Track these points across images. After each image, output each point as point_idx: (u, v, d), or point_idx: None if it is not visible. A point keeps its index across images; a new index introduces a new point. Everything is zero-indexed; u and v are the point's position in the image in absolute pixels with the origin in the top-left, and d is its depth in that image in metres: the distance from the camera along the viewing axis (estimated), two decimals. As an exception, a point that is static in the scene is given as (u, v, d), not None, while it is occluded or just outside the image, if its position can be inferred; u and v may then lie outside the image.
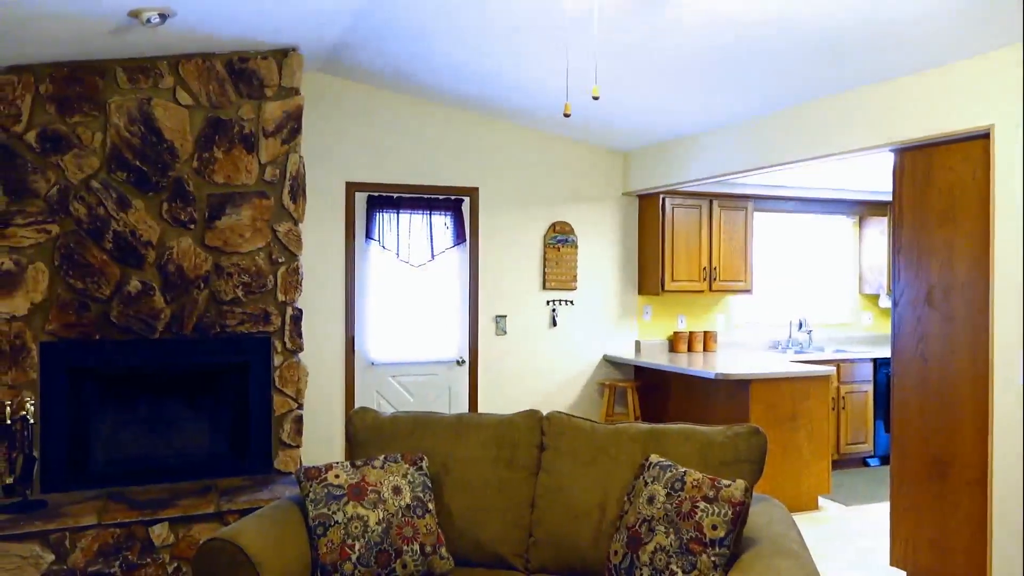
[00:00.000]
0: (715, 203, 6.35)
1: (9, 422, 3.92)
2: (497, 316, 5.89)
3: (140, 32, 3.82)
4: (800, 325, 6.84)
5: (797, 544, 2.44)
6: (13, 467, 3.93)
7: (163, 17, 3.59)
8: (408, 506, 2.73)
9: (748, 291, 6.50)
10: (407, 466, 2.84)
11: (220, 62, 4.45)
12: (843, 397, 6.28)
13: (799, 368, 5.30)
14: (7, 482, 3.95)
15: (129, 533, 3.90)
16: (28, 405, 3.98)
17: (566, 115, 2.69)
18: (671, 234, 6.17)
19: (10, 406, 3.96)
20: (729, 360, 5.85)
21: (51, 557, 3.77)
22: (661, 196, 6.13)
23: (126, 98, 4.29)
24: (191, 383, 4.65)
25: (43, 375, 4.19)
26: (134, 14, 3.54)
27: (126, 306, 4.30)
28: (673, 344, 6.46)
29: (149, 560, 3.93)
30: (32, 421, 4.00)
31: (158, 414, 4.60)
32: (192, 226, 4.42)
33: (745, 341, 6.82)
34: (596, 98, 2.57)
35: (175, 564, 3.98)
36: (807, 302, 7.18)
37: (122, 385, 4.50)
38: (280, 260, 4.59)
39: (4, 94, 4.09)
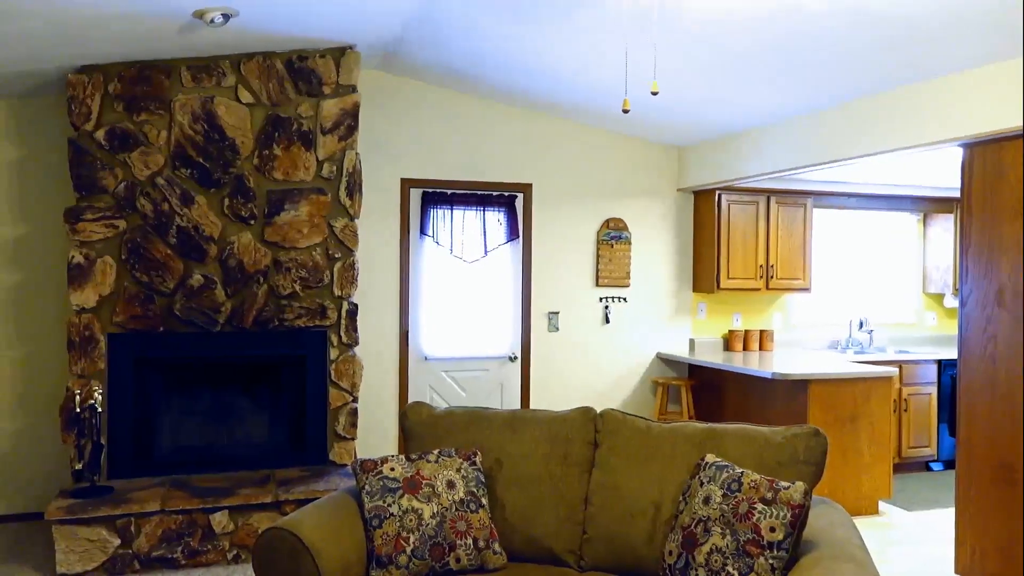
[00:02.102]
0: (773, 199, 6.22)
1: (79, 410, 4.07)
2: (550, 313, 5.88)
3: (204, 32, 3.91)
4: (861, 325, 6.67)
5: (859, 549, 2.38)
6: (82, 454, 4.08)
7: (226, 17, 3.68)
8: (462, 500, 2.75)
9: (807, 289, 6.36)
10: (461, 461, 2.85)
11: (280, 61, 4.53)
12: (905, 399, 6.11)
13: (860, 368, 5.16)
14: (76, 468, 4.09)
15: (191, 520, 4.01)
16: (96, 394, 4.12)
17: (625, 111, 2.66)
18: (727, 231, 6.07)
19: (80, 395, 4.10)
20: (786, 360, 5.74)
21: (117, 541, 3.91)
22: (717, 192, 6.04)
23: (190, 96, 4.40)
24: (250, 375, 4.76)
25: (110, 365, 4.34)
26: (199, 14, 3.63)
27: (189, 299, 4.42)
28: (728, 343, 6.36)
29: (210, 547, 4.04)
30: (100, 410, 4.14)
31: (219, 405, 4.72)
32: (252, 222, 4.51)
33: (803, 341, 6.67)
34: (655, 93, 2.54)
35: (235, 551, 4.08)
36: (868, 301, 6.99)
37: (185, 376, 4.62)
38: (337, 255, 4.66)
39: (75, 93, 4.23)
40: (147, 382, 4.47)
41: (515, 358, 5.80)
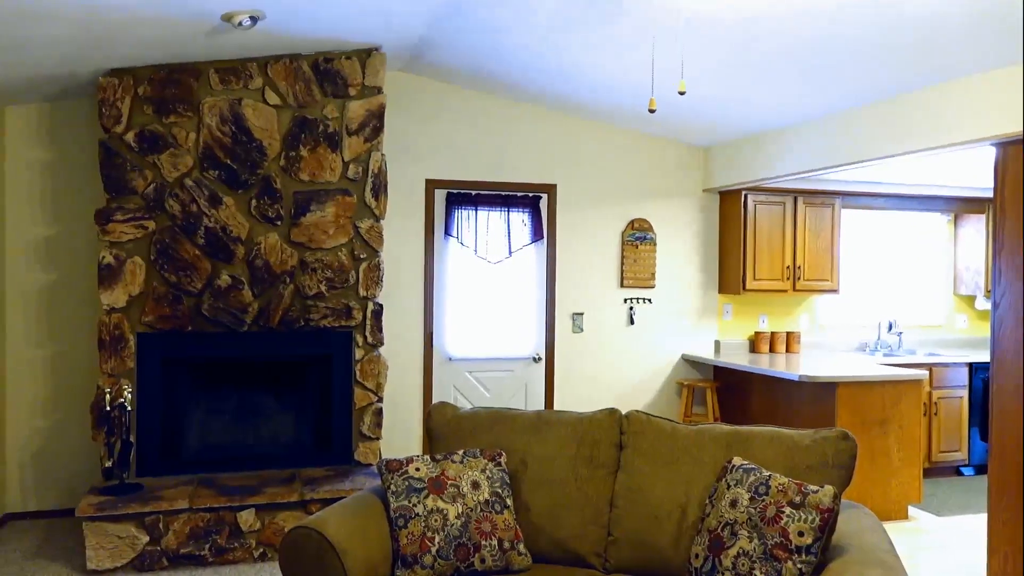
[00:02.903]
0: (800, 200, 6.16)
1: (109, 409, 4.12)
2: (574, 314, 5.86)
3: (232, 35, 3.95)
4: (890, 327, 6.58)
5: (889, 555, 2.34)
6: (112, 451, 4.13)
7: (253, 20, 3.71)
8: (487, 501, 2.74)
9: (834, 291, 6.28)
10: (486, 461, 2.85)
11: (306, 63, 4.56)
12: (936, 402, 6.01)
13: (889, 371, 5.09)
14: (106, 465, 4.15)
15: (218, 518, 4.05)
16: (126, 393, 4.17)
17: (651, 110, 2.65)
18: (753, 232, 6.02)
19: (110, 393, 4.16)
20: (814, 362, 5.67)
21: (146, 538, 3.95)
22: (743, 193, 5.99)
23: (218, 99, 4.45)
24: (276, 375, 4.80)
25: (139, 364, 4.39)
26: (227, 17, 3.66)
27: (216, 299, 4.46)
28: (754, 344, 6.31)
29: (237, 545, 4.07)
30: (130, 408, 4.19)
31: (245, 404, 4.77)
32: (279, 223, 4.55)
33: (830, 342, 6.60)
34: (682, 93, 2.52)
35: (261, 550, 4.11)
36: (897, 303, 6.89)
37: (212, 375, 4.67)
38: (362, 256, 4.68)
39: (106, 96, 4.30)
40: (175, 381, 4.52)
41: (539, 359, 5.79)
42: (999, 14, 3.23)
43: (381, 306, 4.74)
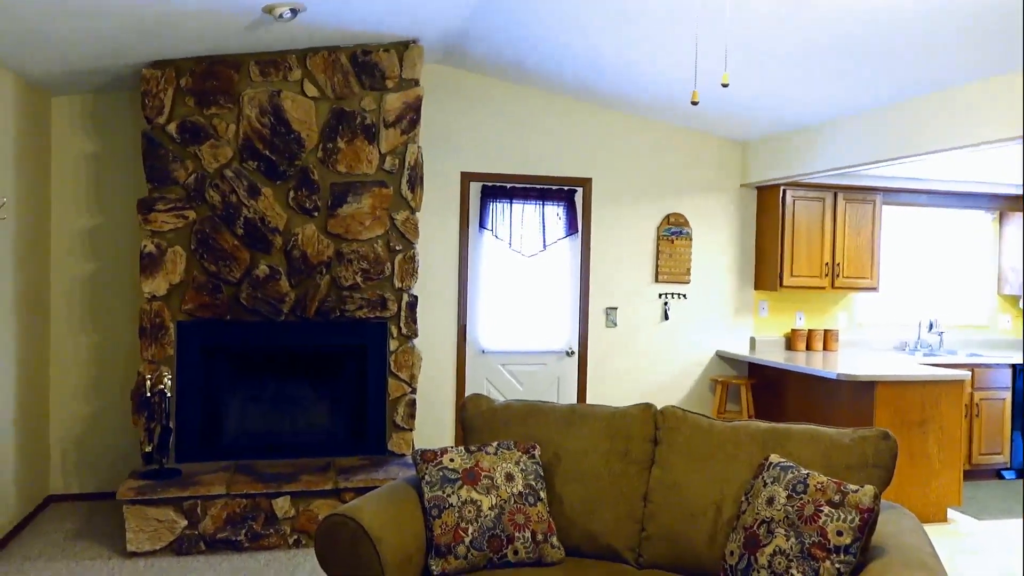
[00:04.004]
0: (840, 196, 6.06)
1: (149, 395, 4.20)
2: (608, 308, 5.84)
3: (272, 27, 3.99)
4: (930, 326, 6.45)
5: (931, 557, 2.30)
6: (152, 437, 4.21)
7: (294, 12, 3.74)
8: (520, 493, 2.75)
9: (874, 289, 6.18)
10: (520, 454, 2.85)
11: (345, 55, 4.59)
12: (977, 404, 5.88)
13: (930, 371, 4.99)
14: (146, 450, 4.23)
15: (255, 504, 4.11)
16: (166, 379, 4.25)
17: (693, 103, 2.62)
18: (791, 228, 5.94)
19: (150, 380, 4.24)
20: (852, 360, 5.59)
21: (184, 523, 4.02)
22: (782, 188, 5.91)
23: (257, 91, 4.49)
24: (312, 364, 4.85)
25: (179, 352, 4.47)
26: (268, 10, 3.70)
27: (254, 289, 4.52)
28: (790, 342, 6.23)
29: (272, 531, 4.13)
30: (169, 395, 4.27)
31: (281, 393, 4.83)
32: (316, 214, 4.59)
33: (868, 341, 6.49)
34: (725, 85, 2.49)
35: (295, 536, 4.17)
36: (939, 302, 6.75)
37: (249, 364, 4.74)
38: (398, 248, 4.71)
39: (149, 88, 4.36)
40: (214, 369, 4.59)
41: (572, 353, 5.77)
42: (1053, 5, 3.14)
43: (416, 298, 4.76)
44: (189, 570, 3.85)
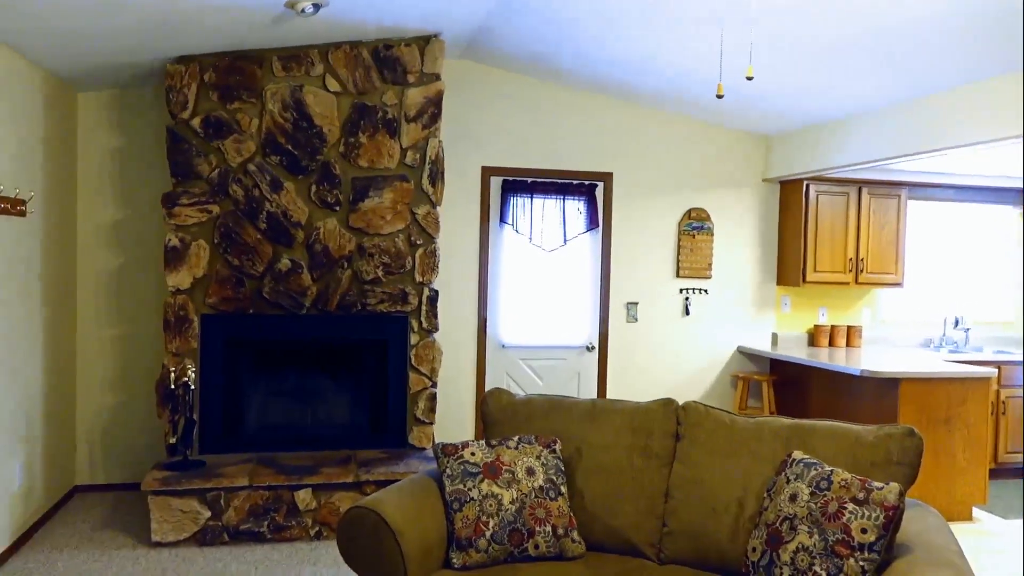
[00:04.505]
0: (864, 190, 5.99)
1: (173, 387, 4.24)
2: (628, 303, 5.82)
3: (295, 22, 4.01)
4: (956, 322, 6.37)
5: (957, 556, 2.27)
6: (176, 428, 4.26)
7: (316, 7, 3.75)
8: (541, 488, 2.75)
9: (898, 284, 6.11)
10: (541, 448, 2.85)
11: (366, 49, 4.60)
12: (1003, 402, 5.80)
13: (955, 368, 4.93)
14: (170, 442, 4.28)
15: (277, 496, 4.14)
16: (190, 372, 4.29)
17: (719, 96, 2.60)
18: (815, 222, 5.88)
19: (174, 372, 4.28)
20: (876, 357, 5.53)
21: (208, 514, 4.07)
22: (805, 182, 5.85)
23: (280, 86, 4.52)
24: (334, 358, 4.87)
25: (203, 345, 4.51)
26: (290, 5, 3.71)
27: (277, 282, 4.55)
28: (813, 338, 6.17)
29: (294, 523, 4.16)
30: (193, 387, 4.31)
31: (303, 386, 4.86)
32: (337, 208, 4.61)
33: (893, 337, 6.42)
34: (750, 78, 2.47)
35: (317, 528, 4.20)
36: (965, 298, 6.66)
37: (272, 357, 4.77)
38: (418, 242, 4.72)
39: (173, 83, 4.40)
40: (237, 361, 4.63)
41: (592, 348, 5.76)
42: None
43: (436, 292, 4.77)
44: (213, 560, 3.89)
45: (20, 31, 3.60)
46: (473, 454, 2.78)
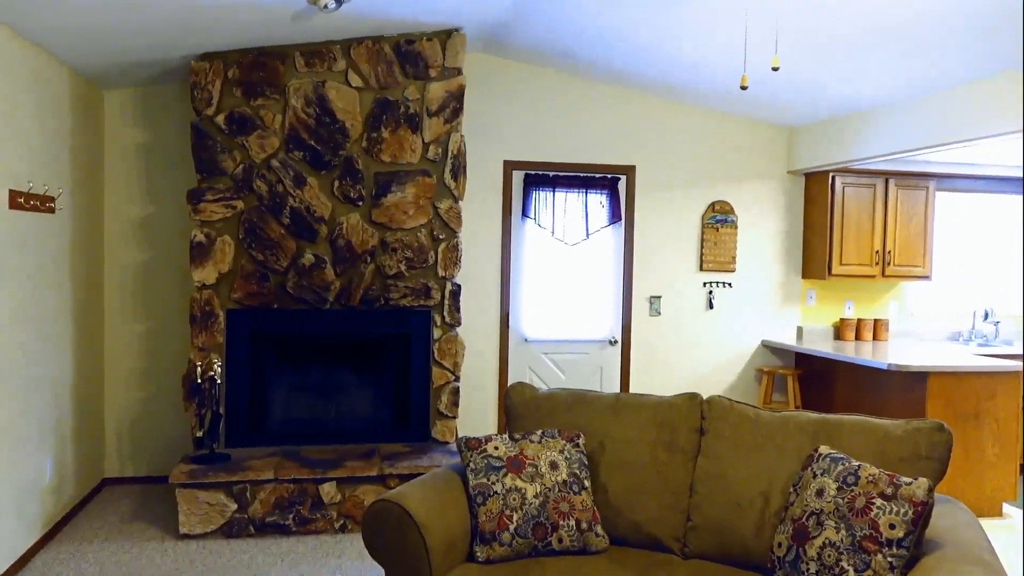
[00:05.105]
0: (891, 182, 5.91)
1: (200, 381, 4.29)
2: (651, 297, 5.79)
3: (317, 18, 4.02)
4: (986, 316, 6.27)
5: (988, 552, 2.24)
6: (202, 422, 4.30)
7: (339, 2, 3.76)
8: (565, 482, 2.74)
9: (926, 277, 6.02)
10: (564, 442, 2.85)
11: (388, 44, 4.61)
12: (1035, 396, 5.70)
13: (985, 362, 4.85)
14: (197, 435, 4.33)
15: (301, 489, 4.18)
16: (216, 366, 4.33)
17: (743, 87, 2.57)
18: (841, 215, 5.81)
19: (200, 367, 4.32)
20: (903, 350, 5.46)
21: (234, 506, 4.11)
22: (831, 174, 5.78)
23: (303, 81, 4.54)
24: (357, 352, 4.90)
25: (228, 339, 4.55)
26: (313, 1, 3.72)
27: (300, 277, 4.58)
28: (839, 331, 6.11)
29: (319, 516, 4.20)
30: (219, 381, 4.35)
31: (327, 380, 4.89)
32: (360, 203, 4.63)
33: (920, 331, 6.33)
34: (776, 69, 2.44)
35: (341, 521, 4.23)
36: (994, 291, 6.55)
37: (296, 351, 4.80)
38: (441, 236, 4.72)
39: (198, 80, 4.43)
40: (262, 356, 4.67)
41: (615, 342, 5.74)
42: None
43: (459, 286, 4.78)
44: (240, 553, 3.93)
45: (47, 30, 3.65)
46: (496, 448, 2.78)
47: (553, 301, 5.65)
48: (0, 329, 3.47)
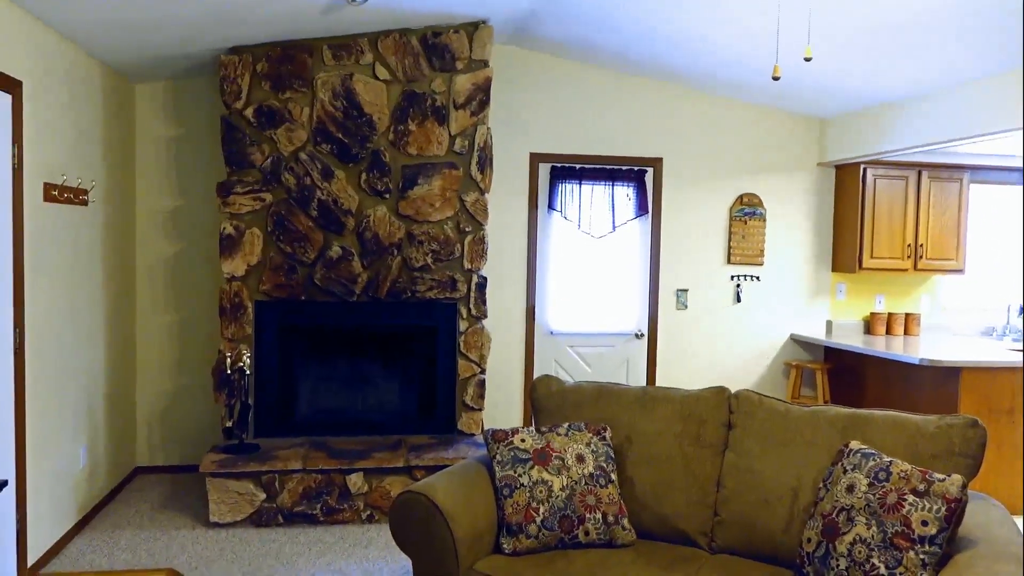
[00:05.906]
0: (924, 174, 5.81)
1: (229, 372, 4.34)
2: (678, 290, 5.75)
3: (345, 11, 4.03)
4: (1020, 310, 6.15)
5: (1021, 549, 2.20)
6: (232, 412, 4.35)
7: (366, -5, 3.76)
8: (591, 475, 2.74)
9: (959, 271, 5.92)
10: (591, 435, 2.84)
11: (415, 37, 4.61)
12: (1071, 392, 5.59)
13: (1020, 357, 4.76)
14: (227, 425, 4.38)
15: (329, 480, 4.21)
16: (245, 357, 4.38)
17: (775, 78, 2.54)
18: (872, 207, 5.73)
19: (230, 358, 4.37)
20: (935, 345, 5.37)
21: (263, 496, 4.16)
22: (862, 166, 5.69)
23: (330, 74, 4.56)
24: (384, 344, 4.92)
25: (257, 331, 4.60)
26: (341, -7, 3.73)
27: (328, 270, 4.61)
28: (869, 326, 6.02)
29: (346, 506, 4.23)
30: (248, 372, 4.40)
31: (354, 371, 4.92)
32: (387, 196, 4.64)
33: (953, 325, 6.23)
34: (808, 59, 2.40)
35: (368, 512, 4.26)
36: (1030, 285, 6.43)
37: (323, 343, 4.84)
38: (467, 229, 4.72)
39: (227, 73, 4.47)
40: (290, 347, 4.71)
41: (642, 335, 5.72)
42: None
43: (485, 279, 4.78)
44: (268, 542, 3.98)
45: (80, 24, 3.69)
46: (523, 440, 2.78)
47: (579, 294, 5.64)
48: (36, 320, 3.53)
